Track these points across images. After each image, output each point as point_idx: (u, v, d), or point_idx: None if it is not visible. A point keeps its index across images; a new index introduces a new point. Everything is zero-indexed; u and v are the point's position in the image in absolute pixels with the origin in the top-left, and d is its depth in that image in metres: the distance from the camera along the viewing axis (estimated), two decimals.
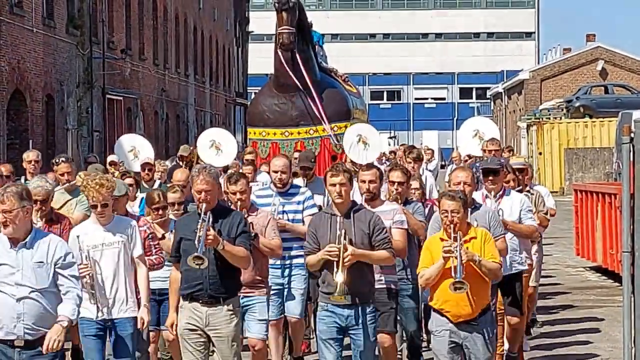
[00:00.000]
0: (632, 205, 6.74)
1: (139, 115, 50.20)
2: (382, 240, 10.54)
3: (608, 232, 22.55)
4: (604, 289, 21.97)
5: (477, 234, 10.48)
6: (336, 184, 10.49)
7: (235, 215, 10.71)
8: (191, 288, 10.43)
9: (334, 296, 10.26)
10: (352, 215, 10.55)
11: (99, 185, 10.71)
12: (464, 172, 12.02)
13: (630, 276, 6.75)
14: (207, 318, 10.41)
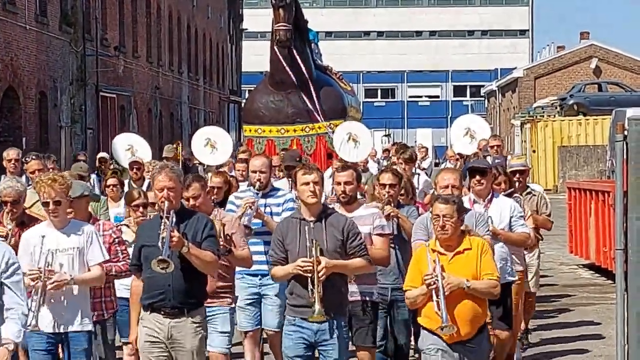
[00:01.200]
0: (625, 203, 6.78)
1: (133, 112, 50.18)
2: (357, 247, 9.78)
3: (601, 230, 22.59)
4: (597, 287, 22.02)
5: (472, 244, 9.49)
6: (309, 182, 9.71)
7: (201, 218, 9.90)
8: (153, 298, 9.60)
9: (312, 317, 9.45)
10: (323, 220, 9.80)
11: (51, 181, 10.00)
12: (452, 174, 11.38)
13: (624, 274, 6.79)
14: (170, 330, 9.58)
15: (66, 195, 10.12)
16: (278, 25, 21.63)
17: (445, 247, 9.32)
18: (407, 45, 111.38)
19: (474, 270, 9.24)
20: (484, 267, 9.31)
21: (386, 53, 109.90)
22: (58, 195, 9.90)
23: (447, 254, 9.29)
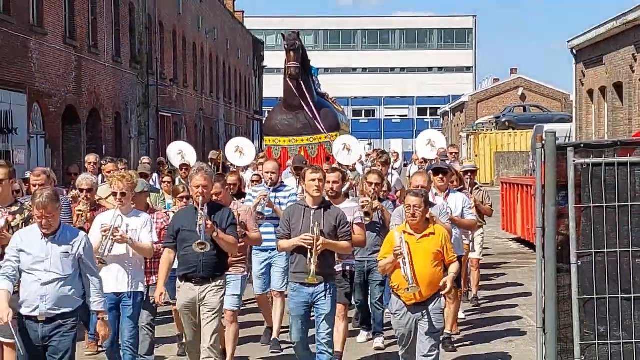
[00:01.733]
0: (543, 193, 6.78)
1: (183, 127, 50.21)
2: (345, 232, 9.73)
3: (525, 213, 22.64)
4: (522, 254, 22.07)
5: (436, 230, 9.33)
6: (316, 179, 9.68)
7: (225, 210, 9.76)
8: (187, 270, 9.52)
9: (308, 279, 9.42)
10: (323, 208, 9.73)
11: (121, 177, 9.95)
12: (422, 177, 11.03)
13: (542, 245, 6.78)
14: (199, 295, 9.50)
15: (132, 190, 10.00)
16: (289, 64, 21.67)
17: (414, 230, 9.17)
18: (383, 78, 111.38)
19: (436, 250, 9.12)
20: (448, 253, 9.24)
21: (368, 84, 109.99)
22: (125, 188, 9.81)
23: (415, 235, 9.15)
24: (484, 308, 15.23)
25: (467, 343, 12.47)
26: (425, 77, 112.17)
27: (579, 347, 6.73)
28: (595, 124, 38.24)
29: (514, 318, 14.34)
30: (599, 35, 35.26)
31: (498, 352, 12.05)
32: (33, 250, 8.05)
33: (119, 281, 9.82)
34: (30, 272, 8.04)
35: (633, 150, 6.82)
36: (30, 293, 8.03)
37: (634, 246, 6.66)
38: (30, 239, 8.13)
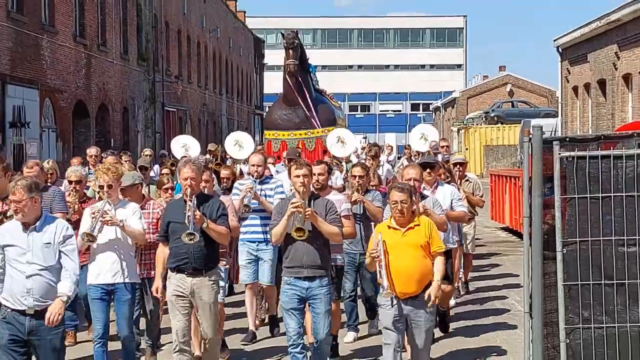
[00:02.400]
0: (530, 185, 6.78)
1: (188, 122, 50.17)
2: (333, 219, 9.04)
3: (513, 203, 22.66)
4: (510, 242, 22.10)
5: (421, 222, 8.71)
6: (300, 175, 9.00)
7: (215, 201, 9.32)
8: (179, 261, 9.03)
9: (294, 230, 8.72)
10: (312, 201, 9.11)
11: (106, 169, 9.57)
12: (414, 170, 10.37)
13: (529, 234, 6.79)
14: (192, 287, 9.01)
15: (117, 182, 9.60)
16: (288, 61, 21.72)
17: (400, 224, 8.57)
18: (378, 75, 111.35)
19: (422, 241, 8.53)
20: (434, 242, 8.62)
21: (364, 80, 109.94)
22: (111, 180, 9.41)
23: (401, 229, 8.55)
24: (473, 293, 15.17)
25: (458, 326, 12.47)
26: (418, 74, 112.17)
27: (564, 331, 6.75)
28: (580, 118, 38.27)
29: (502, 303, 14.34)
30: (584, 35, 35.28)
31: (487, 335, 12.04)
32: (15, 242, 7.71)
33: (111, 272, 9.38)
34: (13, 265, 7.68)
35: (615, 144, 6.82)
36: (16, 287, 7.63)
37: (616, 235, 6.67)
38: (12, 231, 7.79)
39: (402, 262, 8.47)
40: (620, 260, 6.69)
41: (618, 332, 6.72)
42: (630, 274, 6.68)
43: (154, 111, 42.89)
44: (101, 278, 9.34)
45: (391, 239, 8.59)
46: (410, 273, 8.46)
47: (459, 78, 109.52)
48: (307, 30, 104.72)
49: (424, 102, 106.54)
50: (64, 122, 30.69)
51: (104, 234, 9.29)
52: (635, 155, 6.66)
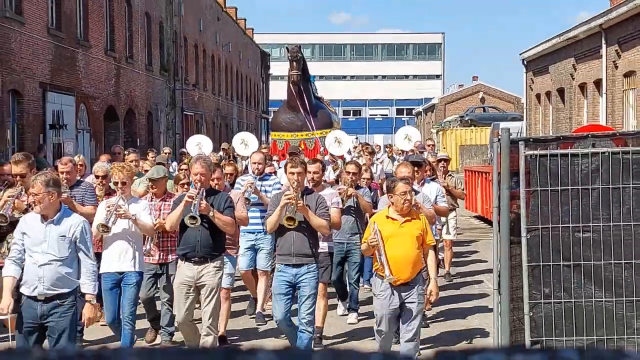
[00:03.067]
0: (499, 179, 6.79)
1: (203, 124, 50.13)
2: (322, 213, 8.71)
3: (485, 195, 22.68)
4: (482, 229, 22.10)
5: (417, 215, 8.41)
6: (294, 172, 8.66)
7: (223, 195, 8.98)
8: (186, 250, 8.70)
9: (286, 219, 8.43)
10: (305, 195, 8.79)
11: (121, 167, 9.35)
12: (407, 168, 9.89)
13: (497, 221, 6.80)
14: (198, 274, 8.66)
15: (131, 179, 9.42)
16: (292, 72, 21.70)
17: (401, 215, 8.16)
18: (368, 84, 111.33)
19: (417, 233, 8.12)
20: (428, 236, 8.26)
21: (356, 89, 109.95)
22: (125, 177, 9.15)
23: (399, 219, 8.14)
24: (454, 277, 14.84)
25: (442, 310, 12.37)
26: (402, 83, 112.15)
27: (528, 305, 6.75)
28: (542, 122, 38.27)
29: (475, 282, 14.36)
30: (545, 49, 35.30)
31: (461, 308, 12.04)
32: (33, 232, 7.42)
33: (121, 261, 9.07)
34: (30, 253, 7.41)
35: (572, 144, 6.84)
36: (30, 274, 7.35)
37: (573, 223, 6.68)
38: (32, 222, 7.50)
39: (398, 250, 8.10)
40: (576, 245, 6.70)
41: (574, 307, 6.72)
42: (584, 256, 6.69)
43: (174, 115, 42.87)
44: (113, 266, 9.08)
45: (389, 229, 8.20)
46: (406, 260, 8.12)
47: (437, 87, 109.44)
48: (307, 45, 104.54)
49: (408, 107, 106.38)
50: (96, 125, 30.70)
51: (118, 226, 8.99)
52: (589, 153, 6.66)
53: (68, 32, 27.60)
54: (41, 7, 25.45)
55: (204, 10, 51.16)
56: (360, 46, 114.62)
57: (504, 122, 42.57)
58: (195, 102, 48.11)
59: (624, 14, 25.67)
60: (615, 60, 27.34)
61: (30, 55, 24.50)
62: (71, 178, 10.19)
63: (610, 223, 6.65)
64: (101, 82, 31.19)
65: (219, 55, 56.46)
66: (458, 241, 18.90)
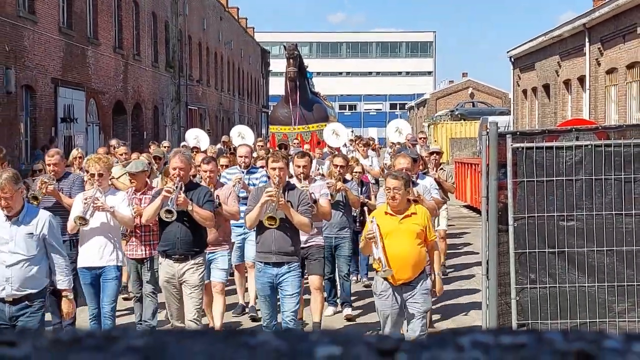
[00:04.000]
0: (487, 170, 6.79)
1: (207, 118, 50.09)
2: (304, 210, 7.96)
3: (474, 185, 22.66)
4: (471, 218, 22.09)
5: (417, 210, 7.53)
6: (276, 168, 7.93)
7: (203, 189, 8.31)
8: (166, 247, 8.08)
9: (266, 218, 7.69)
10: (287, 191, 8.02)
11: (97, 159, 8.63)
12: (405, 160, 9.04)
13: (486, 210, 6.80)
14: (179, 272, 8.06)
15: (108, 171, 8.70)
16: (289, 69, 21.77)
17: (395, 211, 7.38)
18: (363, 80, 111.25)
19: (418, 229, 7.36)
20: (430, 232, 7.47)
21: (352, 85, 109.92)
22: (102, 169, 8.40)
23: (397, 216, 7.36)
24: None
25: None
26: (395, 79, 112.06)
27: (515, 290, 6.76)
28: (529, 116, 38.28)
29: (464, 267, 14.36)
30: (532, 47, 35.27)
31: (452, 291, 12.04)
32: None
33: (99, 255, 8.30)
34: None
35: (557, 137, 6.84)
36: None
37: (557, 212, 6.68)
38: None
39: (398, 248, 7.33)
40: (561, 233, 6.71)
41: (559, 291, 6.74)
42: (568, 243, 6.70)
43: (179, 109, 42.81)
44: (90, 261, 8.33)
45: (388, 225, 7.42)
46: (406, 259, 7.33)
47: (429, 83, 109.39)
48: (305, 43, 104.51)
49: (401, 102, 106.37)
50: (105, 118, 30.67)
51: (95, 219, 8.27)
52: (573, 146, 6.67)
53: (78, 31, 27.55)
54: (53, 7, 25.42)
55: (207, 10, 51.08)
56: (356, 44, 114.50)
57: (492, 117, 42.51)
58: (199, 97, 48.06)
59: (606, 14, 25.66)
60: (598, 58, 27.34)
61: (43, 53, 24.47)
62: (59, 170, 9.66)
63: (593, 212, 6.66)
64: (110, 78, 31.16)
65: (222, 52, 56.37)
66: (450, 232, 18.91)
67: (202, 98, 48.98)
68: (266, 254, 8.02)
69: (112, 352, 0.90)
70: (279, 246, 7.97)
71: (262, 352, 0.90)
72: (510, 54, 39.28)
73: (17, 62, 22.50)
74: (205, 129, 46.04)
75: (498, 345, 0.93)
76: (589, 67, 27.98)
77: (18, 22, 22.71)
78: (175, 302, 8.27)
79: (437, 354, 0.90)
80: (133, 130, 34.12)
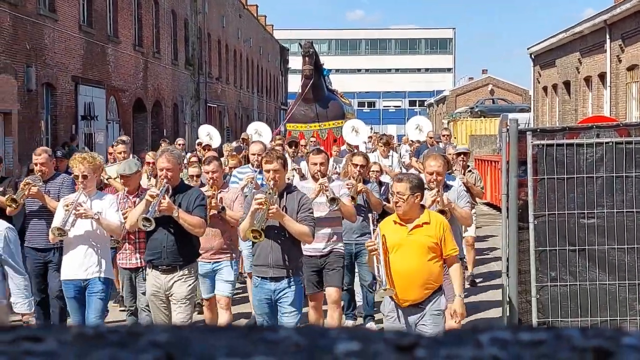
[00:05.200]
0: (507, 168, 6.78)
1: (226, 115, 50.17)
2: (305, 217, 6.95)
3: (494, 182, 22.60)
4: (492, 215, 22.01)
5: (431, 219, 6.40)
6: (270, 170, 6.98)
7: (194, 192, 7.33)
8: (152, 256, 7.23)
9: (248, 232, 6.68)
10: (285, 194, 7.05)
11: (81, 159, 7.58)
12: (436, 161, 7.70)
13: (506, 208, 6.79)
14: (166, 284, 7.21)
15: (94, 172, 7.63)
16: (304, 66, 21.78)
17: (405, 220, 6.37)
18: (382, 77, 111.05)
19: (430, 242, 6.31)
20: (447, 245, 6.35)
21: (370, 82, 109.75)
22: (86, 170, 7.46)
23: (407, 225, 6.35)
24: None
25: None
26: (415, 76, 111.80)
27: (535, 288, 6.75)
28: (549, 113, 38.11)
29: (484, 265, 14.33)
30: (552, 44, 35.12)
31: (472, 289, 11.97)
32: None
33: (83, 266, 7.45)
34: None
35: (578, 134, 6.82)
36: None
37: (578, 209, 6.66)
38: None
39: (403, 263, 6.34)
40: (581, 230, 6.69)
41: (579, 289, 6.72)
42: (589, 241, 6.68)
43: (199, 107, 42.91)
44: (73, 273, 7.48)
45: (395, 236, 6.43)
46: (413, 277, 6.32)
47: (448, 79, 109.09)
48: (324, 40, 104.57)
49: (420, 99, 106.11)
50: (125, 116, 30.80)
51: (79, 227, 7.40)
52: (594, 143, 6.64)
53: (99, 29, 27.69)
54: (73, 5, 25.55)
55: (226, 7, 51.16)
56: (375, 41, 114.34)
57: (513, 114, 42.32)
58: (218, 95, 48.15)
59: (627, 10, 25.52)
60: (619, 55, 27.19)
61: (63, 51, 24.61)
62: (46, 170, 8.86)
63: (614, 210, 6.63)
64: (130, 75, 31.28)
65: (241, 50, 56.45)
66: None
67: (221, 96, 49.08)
68: (263, 268, 7.10)
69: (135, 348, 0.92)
70: (277, 259, 7.02)
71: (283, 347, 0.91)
72: (531, 51, 39.12)
73: (37, 60, 22.64)
74: (224, 126, 46.55)
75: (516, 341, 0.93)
76: (610, 64, 27.82)
77: (39, 20, 22.84)
78: (163, 317, 7.43)
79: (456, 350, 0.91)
80: (153, 127, 34.25)
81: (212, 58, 47.24)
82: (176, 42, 38.96)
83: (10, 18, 21.03)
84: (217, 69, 48.37)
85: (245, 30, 57.89)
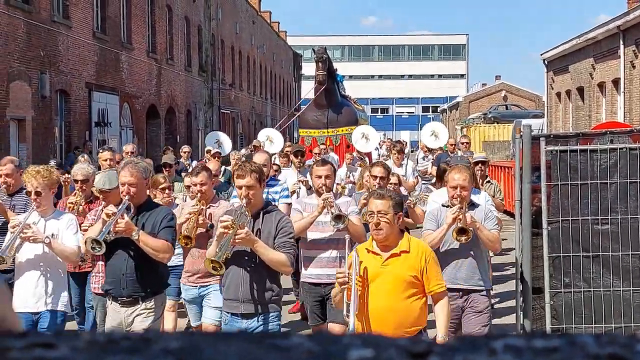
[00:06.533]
0: (521, 174, 6.76)
1: (239, 122, 50.29)
2: (283, 243, 5.89)
3: (507, 189, 22.52)
4: (505, 221, 21.70)
5: (412, 247, 5.38)
6: (242, 186, 6.00)
7: (162, 211, 6.29)
8: (110, 285, 6.17)
9: (213, 265, 5.70)
10: (261, 215, 6.04)
11: (35, 172, 6.64)
12: (461, 174, 6.69)
13: (520, 214, 6.78)
14: (126, 319, 6.13)
15: (50, 188, 6.67)
16: (318, 72, 21.82)
17: (381, 247, 5.39)
18: (395, 83, 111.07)
19: (408, 275, 5.30)
20: (430, 280, 5.36)
21: (383, 87, 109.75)
22: (40, 186, 6.57)
23: (381, 254, 5.37)
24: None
25: None
26: (428, 82, 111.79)
27: (549, 294, 6.72)
28: (562, 119, 38.01)
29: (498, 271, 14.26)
30: (565, 50, 35.04)
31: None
32: None
33: (35, 297, 6.54)
34: None
35: (591, 140, 6.80)
36: None
37: (592, 215, 6.64)
38: None
39: (375, 300, 5.34)
40: (595, 236, 6.66)
41: (593, 296, 6.69)
42: (603, 247, 6.65)
43: (212, 113, 43.01)
44: (23, 305, 6.46)
45: (370, 267, 5.42)
46: (384, 318, 5.29)
47: (462, 85, 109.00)
48: (337, 46, 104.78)
49: (433, 105, 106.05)
50: (139, 122, 30.90)
51: (29, 251, 6.51)
52: (608, 149, 6.62)
53: (112, 35, 27.80)
54: (87, 12, 25.68)
55: (239, 14, 51.31)
56: (388, 47, 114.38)
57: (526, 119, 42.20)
58: (231, 101, 48.26)
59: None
60: (632, 60, 27.10)
61: (77, 57, 24.72)
62: (13, 182, 8.00)
63: (628, 216, 6.60)
64: (143, 82, 31.39)
65: (254, 56, 56.58)
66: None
67: (234, 102, 49.19)
68: (233, 302, 6.07)
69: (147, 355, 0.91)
70: (248, 292, 6.00)
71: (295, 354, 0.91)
72: (544, 57, 39.04)
73: (51, 67, 22.75)
74: (237, 132, 46.63)
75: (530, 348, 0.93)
76: (624, 70, 27.74)
77: (53, 27, 22.96)
78: None
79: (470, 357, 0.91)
80: (166, 134, 34.34)
81: (226, 64, 47.37)
82: (189, 49, 39.09)
83: (25, 25, 21.16)
84: (230, 75, 48.49)
85: (259, 37, 58.04)
